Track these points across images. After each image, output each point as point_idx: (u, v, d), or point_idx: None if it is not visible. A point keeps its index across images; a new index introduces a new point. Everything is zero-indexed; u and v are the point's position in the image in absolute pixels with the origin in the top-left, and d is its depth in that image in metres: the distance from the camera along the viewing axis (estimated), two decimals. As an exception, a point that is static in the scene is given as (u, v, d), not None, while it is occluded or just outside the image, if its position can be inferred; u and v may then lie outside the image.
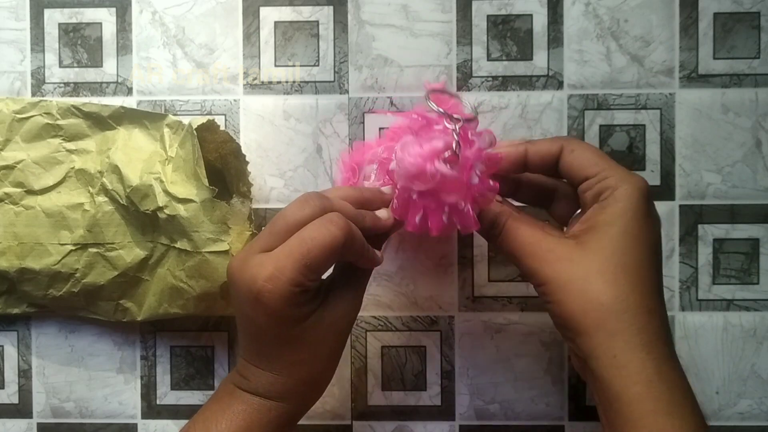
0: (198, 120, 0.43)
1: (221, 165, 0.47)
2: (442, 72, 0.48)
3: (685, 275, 0.48)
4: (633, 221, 0.34)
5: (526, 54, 0.48)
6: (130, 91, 0.49)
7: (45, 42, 0.49)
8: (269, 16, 0.48)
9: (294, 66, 0.48)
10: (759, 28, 0.47)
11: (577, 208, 0.38)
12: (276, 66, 0.48)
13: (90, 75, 0.49)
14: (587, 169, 0.36)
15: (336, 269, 0.39)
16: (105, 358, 0.49)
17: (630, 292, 0.34)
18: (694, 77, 0.48)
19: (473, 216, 0.36)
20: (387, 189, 0.39)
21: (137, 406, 0.49)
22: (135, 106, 0.48)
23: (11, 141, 0.46)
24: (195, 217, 0.42)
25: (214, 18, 0.49)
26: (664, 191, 0.48)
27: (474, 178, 0.35)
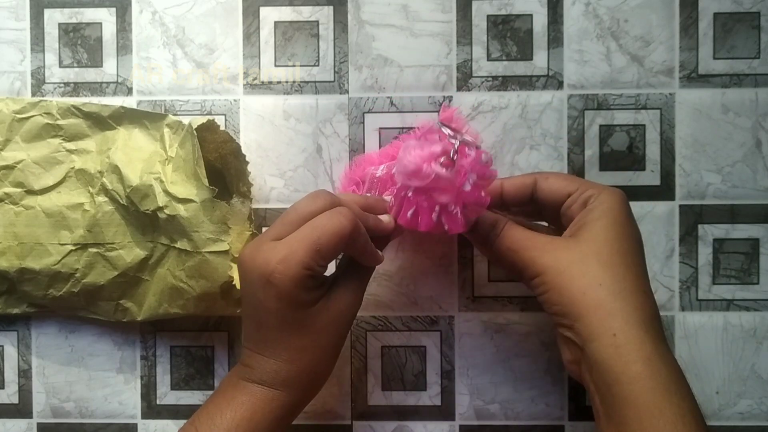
0: (198, 120, 0.43)
1: (221, 165, 0.47)
2: (442, 72, 0.48)
3: (685, 275, 0.48)
4: (619, 217, 0.37)
5: (526, 54, 0.48)
6: (130, 91, 0.49)
7: (45, 42, 0.49)
8: (269, 16, 0.48)
9: (294, 66, 0.48)
10: (759, 28, 0.47)
11: None
12: (276, 66, 0.48)
13: (90, 75, 0.49)
14: (568, 188, 0.39)
15: (340, 266, 0.40)
16: (105, 358, 0.49)
17: (625, 273, 0.36)
18: (694, 77, 0.48)
19: (461, 219, 0.38)
20: (388, 198, 0.41)
21: (137, 406, 0.49)
22: (135, 106, 0.48)
23: (11, 141, 0.46)
24: (195, 217, 0.42)
25: (214, 18, 0.49)
26: (664, 191, 0.48)
27: (467, 185, 0.37)
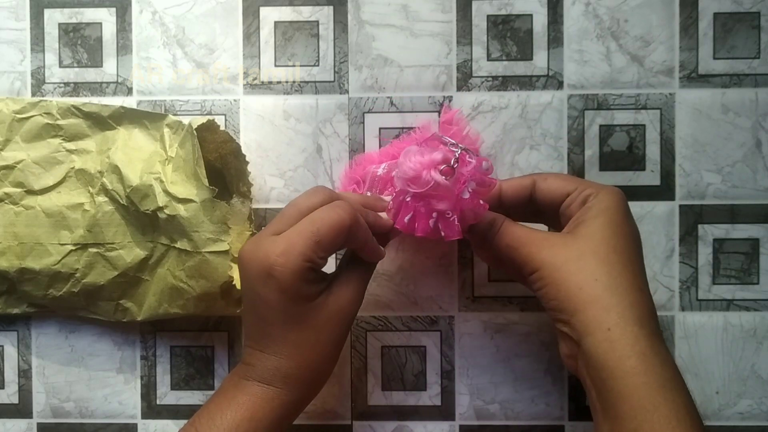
0: (198, 120, 0.43)
1: (221, 165, 0.47)
2: (442, 72, 0.48)
3: (685, 275, 0.48)
4: (617, 215, 0.38)
5: (526, 54, 0.48)
6: (130, 91, 0.49)
7: (45, 42, 0.49)
8: (269, 16, 0.48)
9: (294, 66, 0.48)
10: (759, 28, 0.47)
11: None
12: (276, 66, 0.48)
13: (90, 75, 0.49)
14: (566, 187, 0.39)
15: (341, 263, 0.41)
16: (105, 358, 0.49)
17: (621, 270, 0.36)
18: (694, 77, 0.48)
19: (458, 226, 0.38)
20: (388, 198, 0.41)
21: (137, 406, 0.49)
22: (135, 106, 0.48)
23: (11, 141, 0.46)
24: (195, 217, 0.42)
25: (214, 18, 0.49)
26: (664, 191, 0.48)
27: (465, 193, 0.38)
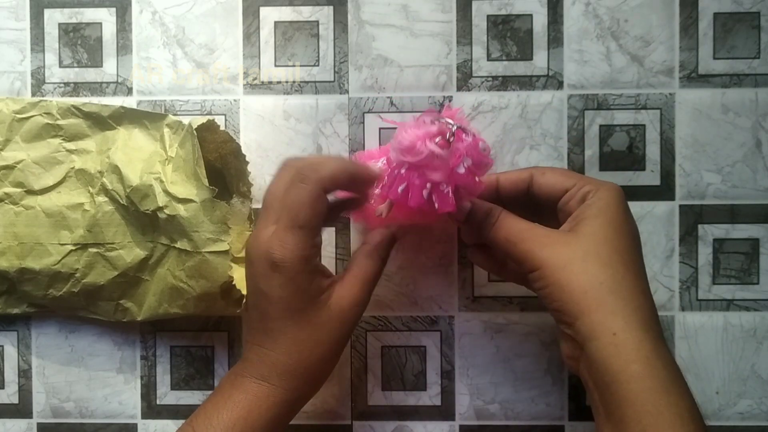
0: (198, 120, 0.43)
1: (221, 165, 0.47)
2: (442, 72, 0.48)
3: (685, 275, 0.48)
4: (617, 214, 0.37)
5: (526, 54, 0.48)
6: (130, 91, 0.49)
7: (45, 42, 0.49)
8: (269, 16, 0.48)
9: (294, 66, 0.48)
10: (759, 28, 0.47)
11: None
12: (276, 66, 0.48)
13: (90, 75, 0.49)
14: (565, 183, 0.39)
15: (349, 265, 0.40)
16: (105, 358, 0.49)
17: (624, 272, 0.36)
18: (694, 77, 0.48)
19: (452, 198, 0.37)
20: (379, 163, 0.41)
21: (137, 406, 0.49)
22: (135, 106, 0.48)
23: (11, 141, 0.46)
24: (195, 217, 0.42)
25: (214, 18, 0.49)
26: (664, 191, 0.48)
27: (461, 167, 0.37)
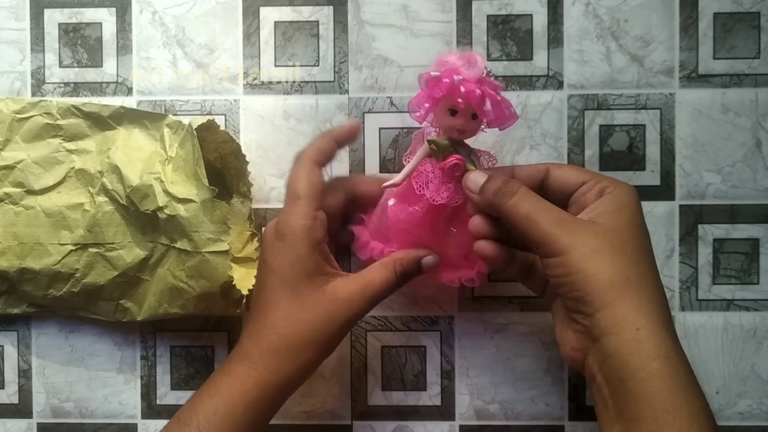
0: (198, 120, 0.43)
1: (221, 165, 0.47)
2: (442, 72, 0.48)
3: (685, 275, 0.48)
4: (636, 212, 0.37)
5: (526, 54, 0.48)
6: (130, 91, 0.49)
7: (45, 42, 0.49)
8: (269, 16, 0.48)
9: (294, 66, 0.48)
10: (759, 28, 0.47)
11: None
12: (276, 66, 0.48)
13: (90, 75, 0.49)
14: (582, 176, 0.39)
15: (369, 266, 0.41)
16: (105, 358, 0.49)
17: (648, 271, 0.36)
18: (694, 77, 0.48)
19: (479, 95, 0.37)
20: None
21: (137, 406, 0.49)
22: (135, 106, 0.48)
23: (11, 141, 0.46)
24: (195, 217, 0.42)
25: (214, 18, 0.49)
26: (664, 191, 0.48)
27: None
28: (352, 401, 0.49)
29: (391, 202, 0.42)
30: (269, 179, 0.48)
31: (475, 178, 0.39)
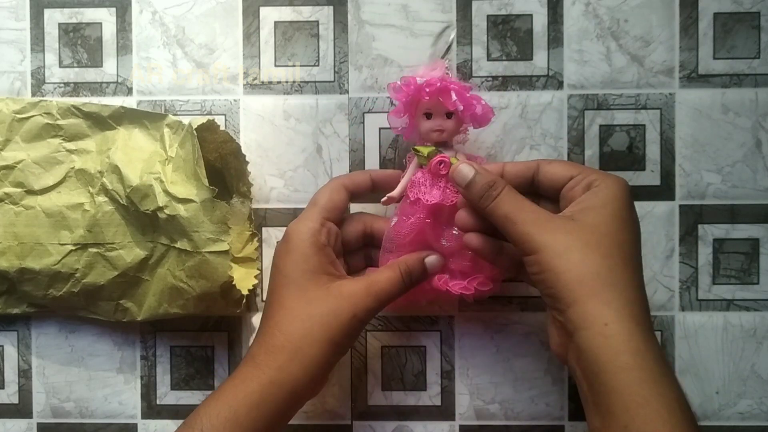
0: (198, 120, 0.43)
1: (221, 165, 0.47)
2: (442, 72, 0.48)
3: (685, 275, 0.48)
4: (622, 207, 0.37)
5: (526, 54, 0.48)
6: (130, 91, 0.49)
7: (45, 42, 0.49)
8: (269, 16, 0.48)
9: (294, 66, 0.48)
10: (759, 28, 0.47)
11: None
12: (276, 66, 0.48)
13: (90, 75, 0.49)
14: (571, 171, 0.39)
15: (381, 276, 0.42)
16: (105, 358, 0.49)
17: (622, 266, 0.36)
18: (694, 77, 0.48)
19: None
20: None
21: (137, 406, 0.49)
22: (135, 106, 0.48)
23: (11, 141, 0.46)
24: (195, 217, 0.42)
25: (214, 18, 0.49)
26: (664, 191, 0.48)
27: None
28: (352, 401, 0.49)
29: (394, 221, 0.43)
30: (269, 179, 0.48)
31: (463, 170, 0.39)
